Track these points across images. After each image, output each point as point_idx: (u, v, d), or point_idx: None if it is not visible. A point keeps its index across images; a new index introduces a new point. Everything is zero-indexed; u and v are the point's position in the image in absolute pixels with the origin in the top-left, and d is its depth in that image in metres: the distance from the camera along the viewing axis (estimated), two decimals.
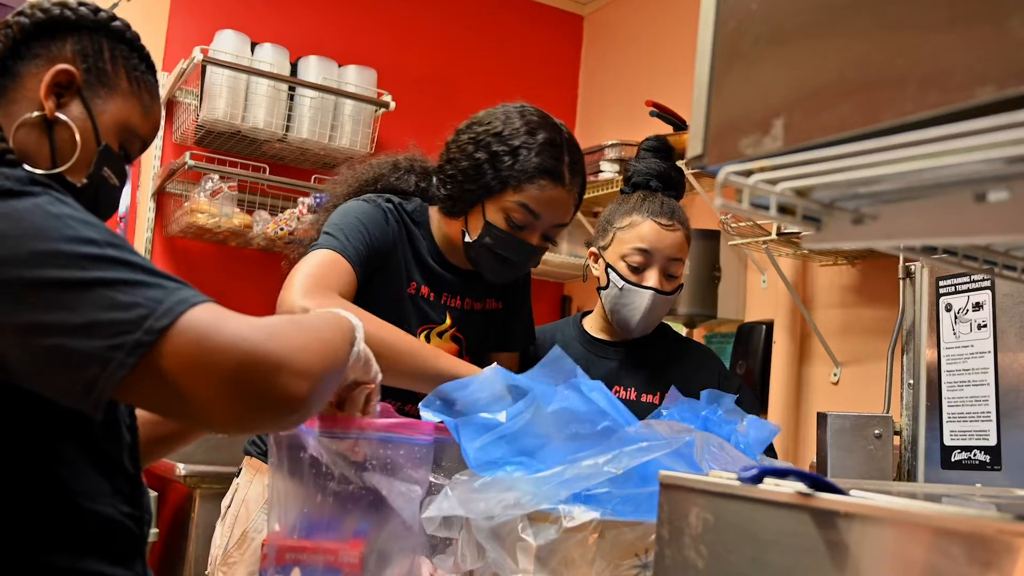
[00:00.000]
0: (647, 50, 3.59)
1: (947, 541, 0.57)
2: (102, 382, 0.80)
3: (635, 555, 1.03)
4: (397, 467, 1.21)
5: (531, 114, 1.65)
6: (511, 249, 1.62)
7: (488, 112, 1.67)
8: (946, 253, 0.72)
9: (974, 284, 1.70)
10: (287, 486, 1.23)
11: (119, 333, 0.80)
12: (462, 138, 1.65)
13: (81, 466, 0.97)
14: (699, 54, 0.72)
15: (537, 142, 1.59)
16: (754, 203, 0.65)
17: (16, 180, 0.87)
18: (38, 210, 0.85)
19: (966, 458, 1.66)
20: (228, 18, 3.33)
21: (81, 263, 0.82)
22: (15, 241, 0.83)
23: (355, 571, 1.20)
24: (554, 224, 1.65)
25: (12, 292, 0.81)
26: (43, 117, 1.03)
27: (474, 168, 1.60)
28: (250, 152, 3.31)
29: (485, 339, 1.78)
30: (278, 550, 1.21)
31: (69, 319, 0.81)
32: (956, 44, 0.53)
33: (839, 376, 2.60)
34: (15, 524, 0.92)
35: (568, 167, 1.62)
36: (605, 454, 1.06)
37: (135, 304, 0.81)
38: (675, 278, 1.80)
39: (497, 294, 1.79)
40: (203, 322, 0.82)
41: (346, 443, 1.19)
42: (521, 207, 1.59)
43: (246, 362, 0.81)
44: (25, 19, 1.04)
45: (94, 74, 1.07)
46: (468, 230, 1.63)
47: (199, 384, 0.81)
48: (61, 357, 0.81)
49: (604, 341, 1.90)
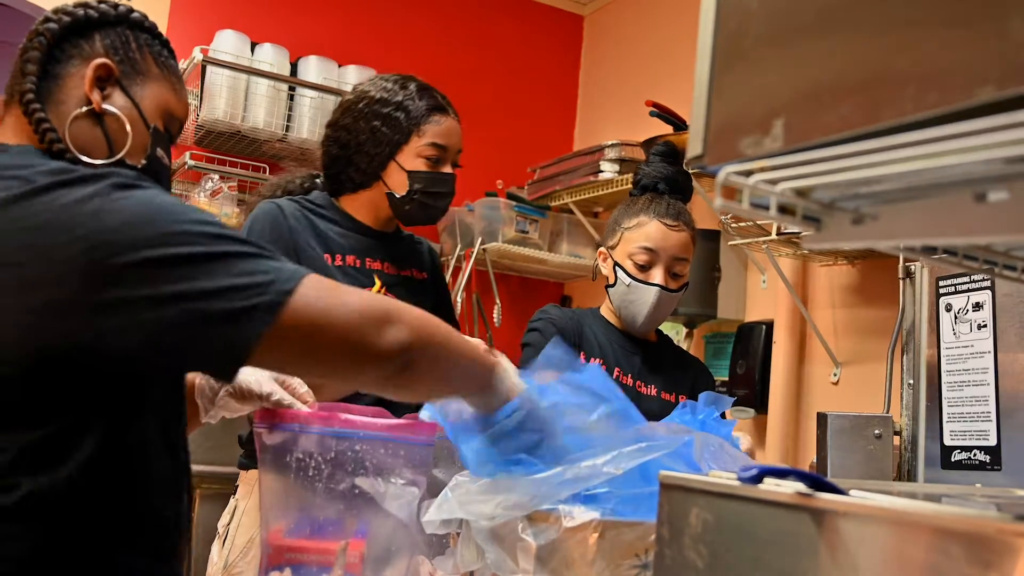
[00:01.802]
0: (647, 50, 3.59)
1: (947, 541, 0.57)
2: (244, 337, 0.91)
3: (635, 555, 1.03)
4: (395, 468, 1.21)
5: (391, 76, 1.89)
6: (439, 183, 1.82)
7: (351, 97, 1.88)
8: (946, 253, 0.72)
9: (974, 284, 1.70)
10: (280, 486, 1.23)
11: (253, 295, 0.91)
12: (344, 123, 1.84)
13: (159, 457, 1.04)
14: (699, 54, 0.72)
15: (413, 91, 1.84)
16: (754, 203, 0.65)
17: (128, 176, 0.96)
18: (157, 197, 0.95)
19: (966, 458, 1.66)
20: (228, 18, 3.32)
21: (207, 239, 0.93)
22: (144, 225, 0.92)
23: (355, 571, 1.20)
24: (457, 150, 1.87)
25: (150, 269, 0.90)
26: (92, 111, 1.09)
27: (373, 135, 1.81)
28: (250, 152, 3.31)
29: (421, 307, 1.84)
30: (275, 549, 1.21)
31: (205, 286, 0.90)
32: (956, 44, 0.53)
33: (839, 376, 2.60)
34: (94, 518, 0.97)
35: (444, 101, 1.87)
36: (604, 455, 1.06)
37: (261, 271, 0.93)
38: (680, 277, 1.87)
39: (418, 266, 1.93)
40: (321, 286, 0.95)
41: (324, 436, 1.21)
42: (431, 145, 1.81)
43: (363, 316, 0.96)
44: (54, 24, 1.10)
45: (127, 64, 1.13)
46: (392, 189, 1.81)
47: (325, 338, 0.94)
48: (201, 319, 0.90)
49: (629, 337, 1.93)
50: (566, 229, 3.52)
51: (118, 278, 0.90)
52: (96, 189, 0.93)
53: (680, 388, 1.92)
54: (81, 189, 0.93)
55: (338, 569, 1.18)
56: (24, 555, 0.93)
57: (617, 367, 1.87)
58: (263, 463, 1.26)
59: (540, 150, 3.68)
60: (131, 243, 0.90)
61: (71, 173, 0.95)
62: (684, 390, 1.92)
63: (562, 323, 1.87)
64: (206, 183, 3.12)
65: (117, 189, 0.93)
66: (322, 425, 1.21)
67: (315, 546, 1.19)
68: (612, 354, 1.89)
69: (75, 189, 0.93)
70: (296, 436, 1.21)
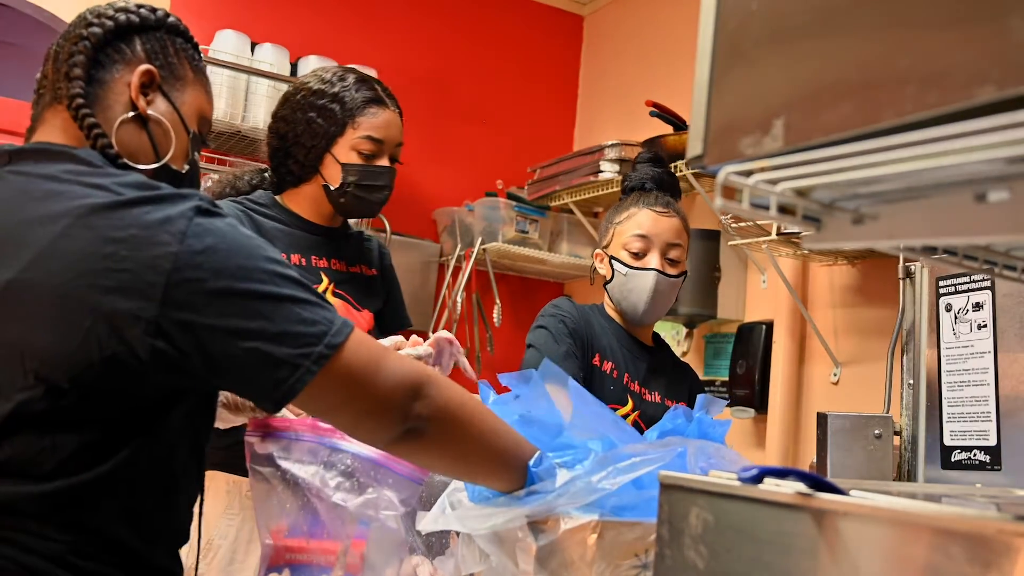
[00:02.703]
0: (647, 50, 3.59)
1: (947, 541, 0.57)
2: (291, 383, 0.96)
3: (635, 555, 1.03)
4: (383, 488, 1.22)
5: (330, 68, 1.86)
6: (372, 176, 1.78)
7: (293, 87, 1.86)
8: (946, 253, 0.72)
9: (974, 284, 1.70)
10: (272, 494, 1.23)
11: (307, 344, 0.97)
12: (283, 114, 1.82)
13: (190, 464, 1.07)
14: (699, 54, 0.72)
15: (351, 82, 1.80)
16: (754, 203, 0.65)
17: (208, 201, 1.00)
18: (235, 229, 1.00)
19: (966, 458, 1.66)
20: (228, 18, 3.32)
21: (276, 280, 0.98)
22: (225, 255, 0.96)
23: (355, 571, 1.20)
24: (395, 144, 1.83)
25: (224, 299, 0.95)
26: (137, 116, 1.12)
27: (309, 127, 1.78)
28: (250, 152, 3.30)
29: (372, 302, 1.87)
30: (276, 550, 1.21)
31: (267, 327, 0.96)
32: (956, 44, 0.53)
33: (839, 376, 2.60)
34: (131, 513, 1.00)
35: (384, 93, 1.83)
36: (599, 471, 1.06)
37: (316, 321, 0.99)
38: (677, 263, 1.86)
39: (367, 262, 1.91)
40: (364, 344, 1.01)
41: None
42: (366, 139, 1.77)
43: (398, 383, 1.02)
44: (97, 28, 1.11)
45: (167, 69, 1.16)
46: (328, 181, 1.79)
47: (358, 396, 1.01)
48: (259, 359, 0.96)
49: (634, 339, 1.93)
50: (566, 229, 3.52)
51: (194, 301, 0.94)
52: (182, 210, 0.97)
53: (680, 395, 1.93)
54: (168, 208, 0.97)
55: (339, 570, 1.18)
56: (58, 553, 0.95)
57: (627, 373, 1.86)
58: (253, 470, 1.26)
59: (540, 150, 3.68)
60: (212, 270, 0.95)
61: (157, 190, 0.99)
62: (683, 397, 1.93)
63: (574, 323, 1.84)
64: (206, 183, 3.11)
65: (201, 214, 0.98)
66: (315, 435, 1.22)
67: (314, 547, 1.19)
68: (622, 359, 1.87)
69: (162, 207, 0.97)
70: (290, 444, 1.22)
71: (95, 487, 0.96)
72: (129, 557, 0.99)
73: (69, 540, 0.95)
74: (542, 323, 1.86)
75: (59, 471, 0.95)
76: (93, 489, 0.96)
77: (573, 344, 1.80)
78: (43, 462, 0.95)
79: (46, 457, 0.95)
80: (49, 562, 0.94)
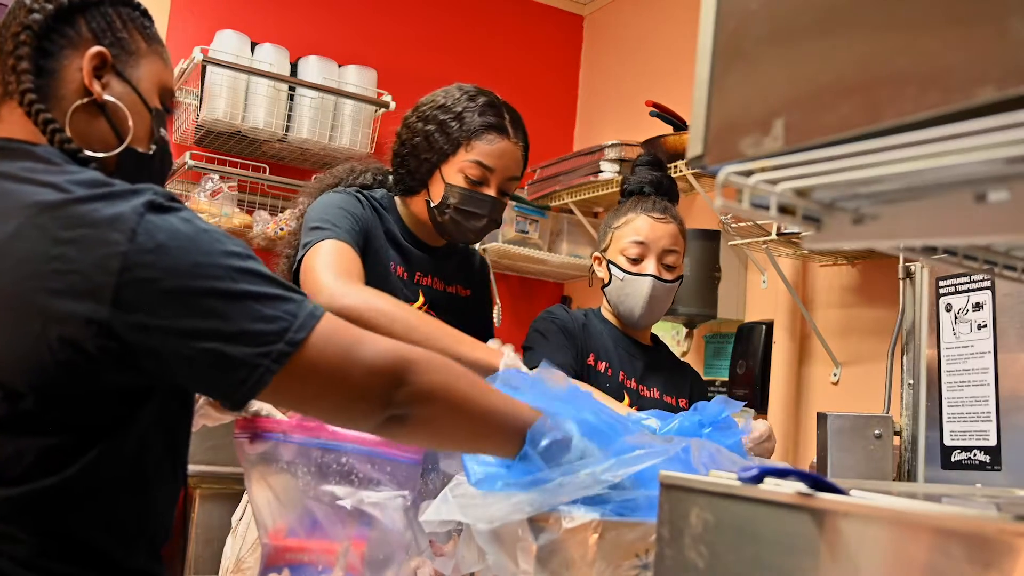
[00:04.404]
0: (647, 50, 3.59)
1: (947, 541, 0.57)
2: (250, 384, 0.93)
3: (635, 555, 1.03)
4: (380, 482, 1.21)
5: (468, 87, 1.81)
6: (473, 203, 1.73)
7: (430, 94, 1.83)
8: (946, 253, 0.72)
9: (974, 284, 1.70)
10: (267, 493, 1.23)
11: (266, 343, 0.93)
12: (410, 120, 1.80)
13: (163, 463, 1.04)
14: (699, 54, 0.72)
15: (478, 104, 1.76)
16: (754, 203, 0.65)
17: (163, 195, 0.96)
18: (190, 224, 0.95)
19: (966, 458, 1.66)
20: (228, 18, 3.32)
21: (233, 275, 0.94)
22: (178, 253, 0.92)
23: (355, 571, 1.20)
24: (507, 177, 1.77)
25: (177, 299, 0.92)
26: (92, 101, 1.06)
27: (426, 140, 1.75)
28: (250, 152, 3.30)
29: (457, 325, 1.82)
30: (275, 550, 1.21)
31: (222, 327, 0.92)
32: (956, 44, 0.53)
33: (839, 376, 2.60)
34: (101, 516, 0.97)
35: (510, 122, 1.78)
36: (602, 463, 1.06)
37: (277, 317, 0.94)
38: (673, 269, 1.89)
39: (464, 281, 1.89)
40: (335, 335, 0.97)
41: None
42: (475, 163, 1.73)
43: (371, 374, 0.98)
44: (37, 15, 1.05)
45: (118, 46, 1.09)
46: (431, 197, 1.75)
47: (336, 386, 0.97)
48: (216, 360, 0.92)
49: (632, 340, 1.95)
50: (566, 229, 3.52)
51: (147, 302, 0.91)
52: (133, 207, 0.93)
53: (680, 392, 1.94)
54: (119, 205, 0.93)
55: (339, 570, 1.18)
56: (27, 556, 0.93)
57: (622, 371, 1.88)
58: (247, 471, 1.26)
59: (540, 150, 3.67)
60: (164, 269, 0.91)
61: (109, 187, 0.95)
62: (683, 394, 1.94)
63: (567, 325, 1.87)
64: (206, 183, 3.11)
65: (153, 210, 0.93)
66: (307, 435, 1.21)
67: (314, 547, 1.19)
68: (617, 358, 1.90)
69: (112, 204, 0.93)
70: (279, 445, 1.22)
71: (63, 491, 0.94)
72: (102, 559, 0.97)
73: (38, 543, 0.93)
74: (535, 327, 1.90)
75: (25, 476, 0.92)
76: (61, 493, 0.94)
77: (565, 340, 1.83)
78: (8, 468, 0.92)
79: (11, 463, 0.92)
80: (18, 565, 0.92)
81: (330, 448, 1.21)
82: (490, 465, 1.10)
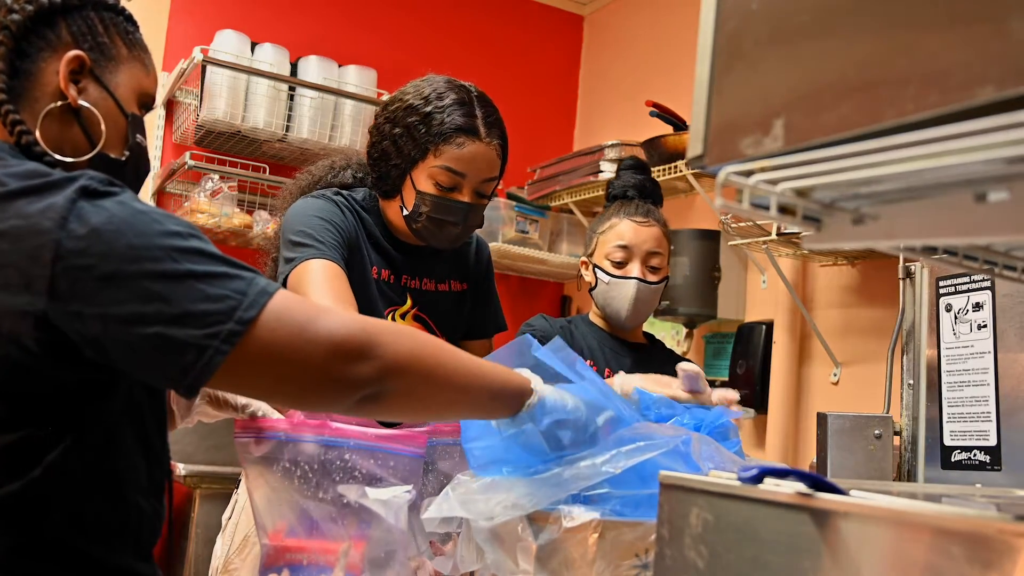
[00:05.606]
0: (647, 50, 3.59)
1: (947, 541, 0.57)
2: (200, 367, 0.88)
3: (635, 555, 1.03)
4: (384, 477, 1.21)
5: (437, 81, 1.71)
6: (446, 211, 1.65)
7: (400, 90, 1.74)
8: (946, 253, 0.72)
9: (974, 284, 1.70)
10: (269, 493, 1.23)
11: (213, 323, 0.88)
12: (379, 121, 1.71)
13: (135, 458, 1.01)
14: (699, 54, 0.72)
15: (446, 104, 1.65)
16: (754, 203, 0.65)
17: (99, 181, 0.92)
18: (125, 207, 0.91)
19: (966, 458, 1.66)
20: (228, 18, 3.32)
21: (174, 256, 0.89)
22: (112, 237, 0.88)
23: (355, 571, 1.20)
24: (482, 179, 1.68)
25: (114, 284, 0.87)
26: (67, 105, 1.04)
27: (394, 144, 1.66)
28: (250, 152, 3.31)
29: (455, 321, 1.82)
30: (275, 550, 1.21)
31: (165, 310, 0.87)
32: (956, 44, 0.53)
33: (839, 376, 2.60)
34: (73, 515, 0.95)
35: (482, 121, 1.67)
36: (603, 454, 1.06)
37: (224, 296, 0.89)
38: (658, 270, 1.93)
39: (460, 275, 1.84)
40: (289, 312, 0.91)
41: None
42: (445, 170, 1.63)
43: (330, 349, 0.91)
44: (16, 15, 1.03)
45: (97, 51, 1.07)
46: (404, 204, 1.66)
47: (285, 369, 0.91)
48: (160, 344, 0.88)
49: (619, 340, 1.97)
50: (566, 229, 3.52)
51: (83, 290, 0.87)
52: (65, 194, 0.89)
53: None
54: (52, 194, 0.90)
55: (339, 570, 1.18)
56: (1, 555, 0.92)
57: (607, 367, 1.89)
58: (248, 472, 1.26)
59: (540, 150, 3.68)
60: (99, 254, 0.87)
61: (43, 177, 0.92)
62: None
63: (546, 334, 1.87)
64: (206, 183, 3.11)
65: (87, 196, 0.90)
66: (309, 433, 1.21)
67: (313, 547, 1.19)
68: (602, 356, 1.93)
69: (46, 195, 0.90)
70: (282, 445, 1.21)
71: (29, 492, 0.92)
72: (80, 558, 0.95)
73: (11, 543, 0.92)
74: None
75: None
76: (28, 494, 0.92)
77: None
78: None
79: None
80: None
81: (332, 445, 1.20)
82: (492, 450, 1.10)
